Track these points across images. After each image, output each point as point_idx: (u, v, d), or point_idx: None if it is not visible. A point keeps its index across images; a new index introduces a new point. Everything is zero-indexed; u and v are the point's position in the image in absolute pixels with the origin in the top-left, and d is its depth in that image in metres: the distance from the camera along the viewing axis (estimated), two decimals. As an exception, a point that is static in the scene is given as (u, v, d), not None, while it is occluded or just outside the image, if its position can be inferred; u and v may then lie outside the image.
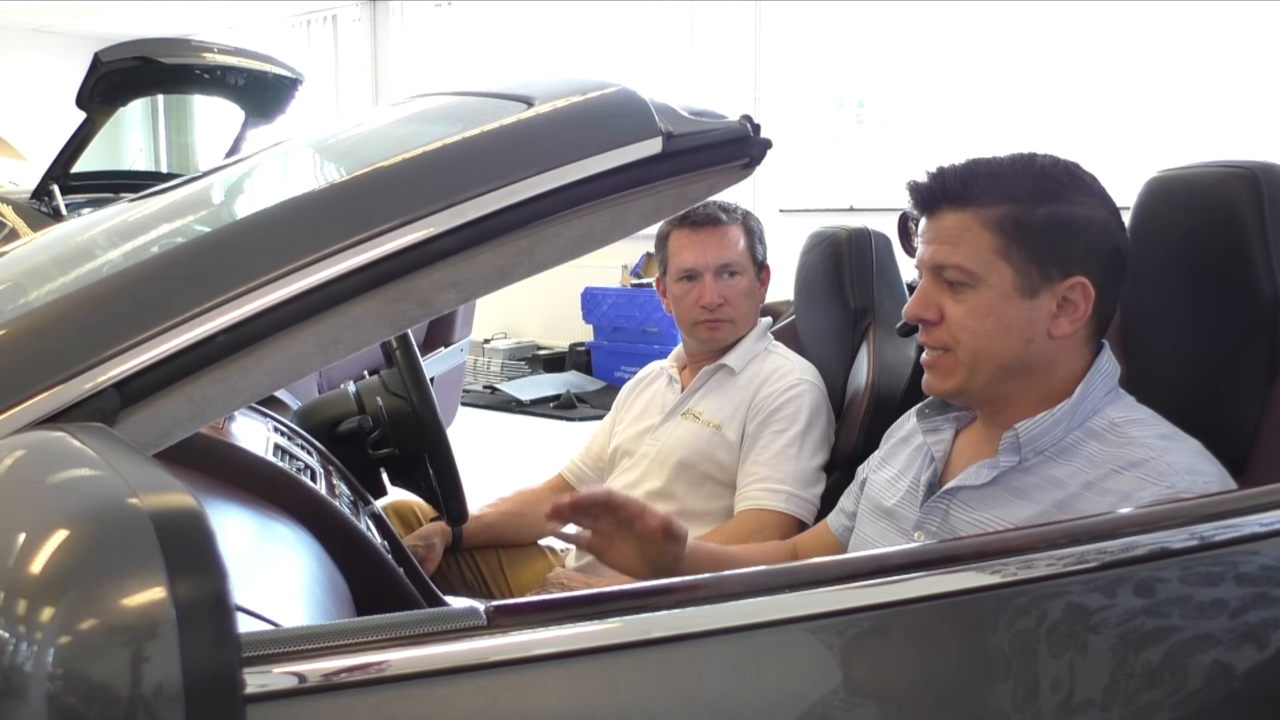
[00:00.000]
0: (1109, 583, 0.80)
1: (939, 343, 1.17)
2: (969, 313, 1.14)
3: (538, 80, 1.04)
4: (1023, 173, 1.15)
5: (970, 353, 1.15)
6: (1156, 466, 1.06)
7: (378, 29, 8.83)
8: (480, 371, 6.99)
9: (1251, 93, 5.05)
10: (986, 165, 1.17)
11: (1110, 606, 0.80)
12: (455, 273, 0.86)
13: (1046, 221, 1.12)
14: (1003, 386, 1.16)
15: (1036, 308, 1.13)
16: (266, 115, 4.21)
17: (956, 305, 1.15)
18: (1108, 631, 0.79)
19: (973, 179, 1.15)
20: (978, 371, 1.16)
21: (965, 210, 1.15)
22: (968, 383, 1.17)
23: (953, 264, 1.14)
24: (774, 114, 6.23)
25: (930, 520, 1.20)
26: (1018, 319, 1.14)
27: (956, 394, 1.19)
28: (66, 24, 9.32)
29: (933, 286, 1.17)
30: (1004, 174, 1.15)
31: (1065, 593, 0.80)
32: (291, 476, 1.38)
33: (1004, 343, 1.14)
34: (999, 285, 1.13)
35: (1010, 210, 1.13)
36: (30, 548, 0.56)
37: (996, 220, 1.13)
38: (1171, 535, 0.83)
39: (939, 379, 1.19)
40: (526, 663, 0.70)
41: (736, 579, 0.79)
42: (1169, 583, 0.82)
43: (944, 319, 1.16)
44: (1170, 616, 0.81)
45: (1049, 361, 1.15)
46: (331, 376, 3.12)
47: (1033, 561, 0.80)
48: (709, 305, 1.86)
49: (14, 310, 0.86)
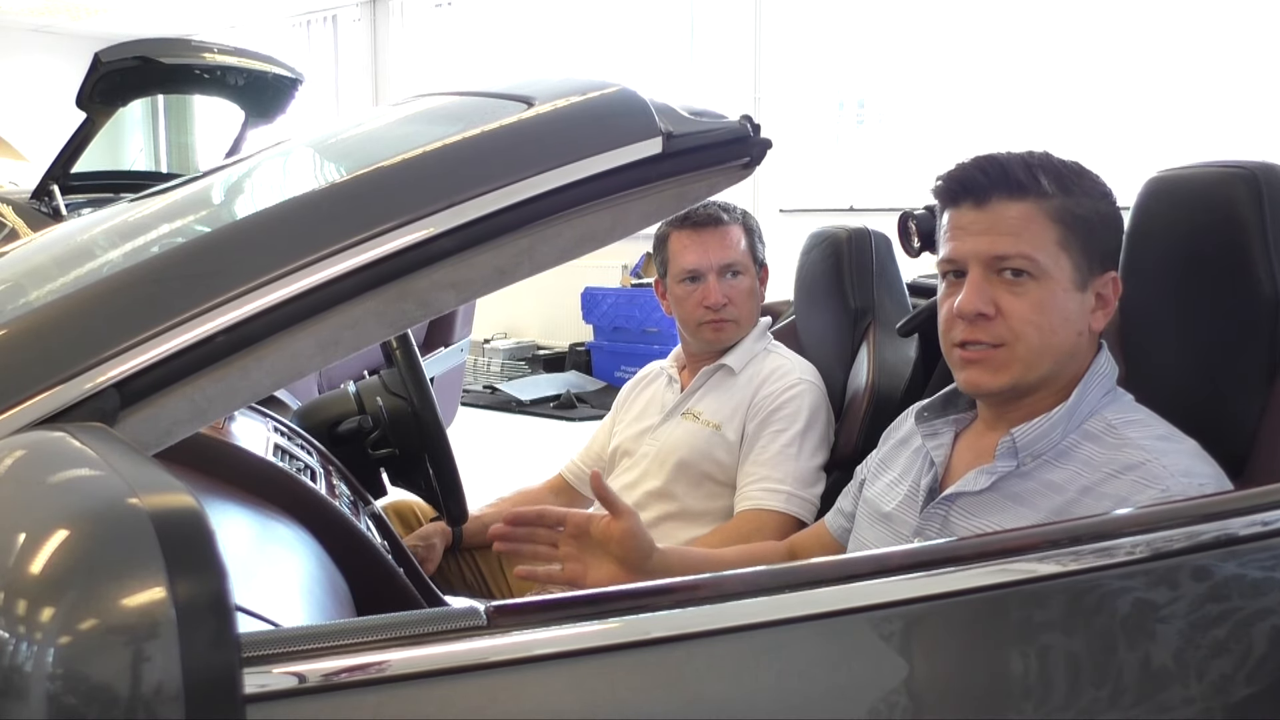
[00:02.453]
0: (1109, 582, 0.81)
1: (995, 338, 1.12)
2: (1032, 306, 1.11)
3: (538, 80, 1.04)
4: (1065, 167, 1.15)
5: (1031, 348, 1.12)
6: (1152, 470, 1.05)
7: (378, 29, 8.83)
8: (480, 371, 6.99)
9: (1251, 93, 5.05)
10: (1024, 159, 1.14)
11: (1112, 608, 0.80)
12: (455, 273, 0.86)
13: (1090, 215, 1.13)
14: (1046, 379, 1.14)
15: (1085, 301, 1.14)
16: (266, 115, 4.21)
17: (1015, 299, 1.11)
18: (1110, 632, 0.79)
19: (1037, 169, 1.13)
20: (1034, 367, 1.13)
21: (1025, 200, 1.12)
22: (1022, 378, 1.13)
23: (1018, 254, 1.11)
24: (774, 114, 6.23)
25: (929, 527, 1.19)
26: (1074, 312, 1.13)
27: (1006, 390, 1.15)
28: (66, 24, 9.32)
29: (986, 279, 1.13)
30: (1055, 167, 1.14)
31: (1066, 592, 0.80)
32: (291, 476, 1.38)
33: (1063, 336, 1.13)
34: (1061, 278, 1.12)
35: (1064, 202, 1.12)
36: (30, 548, 0.56)
37: (1056, 211, 1.12)
38: (1171, 535, 0.83)
39: (989, 375, 1.14)
40: (526, 663, 0.70)
41: (737, 579, 0.79)
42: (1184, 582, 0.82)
43: (1001, 313, 1.12)
44: (1174, 620, 0.81)
45: (1083, 355, 1.16)
46: (331, 376, 3.13)
47: (1033, 561, 0.80)
48: (713, 305, 1.86)
49: (14, 310, 0.86)
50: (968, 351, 1.15)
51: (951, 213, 1.17)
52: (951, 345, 1.17)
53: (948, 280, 1.18)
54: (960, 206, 1.15)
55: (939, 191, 1.18)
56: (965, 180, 1.14)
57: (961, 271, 1.15)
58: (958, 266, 1.16)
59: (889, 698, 0.76)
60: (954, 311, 1.14)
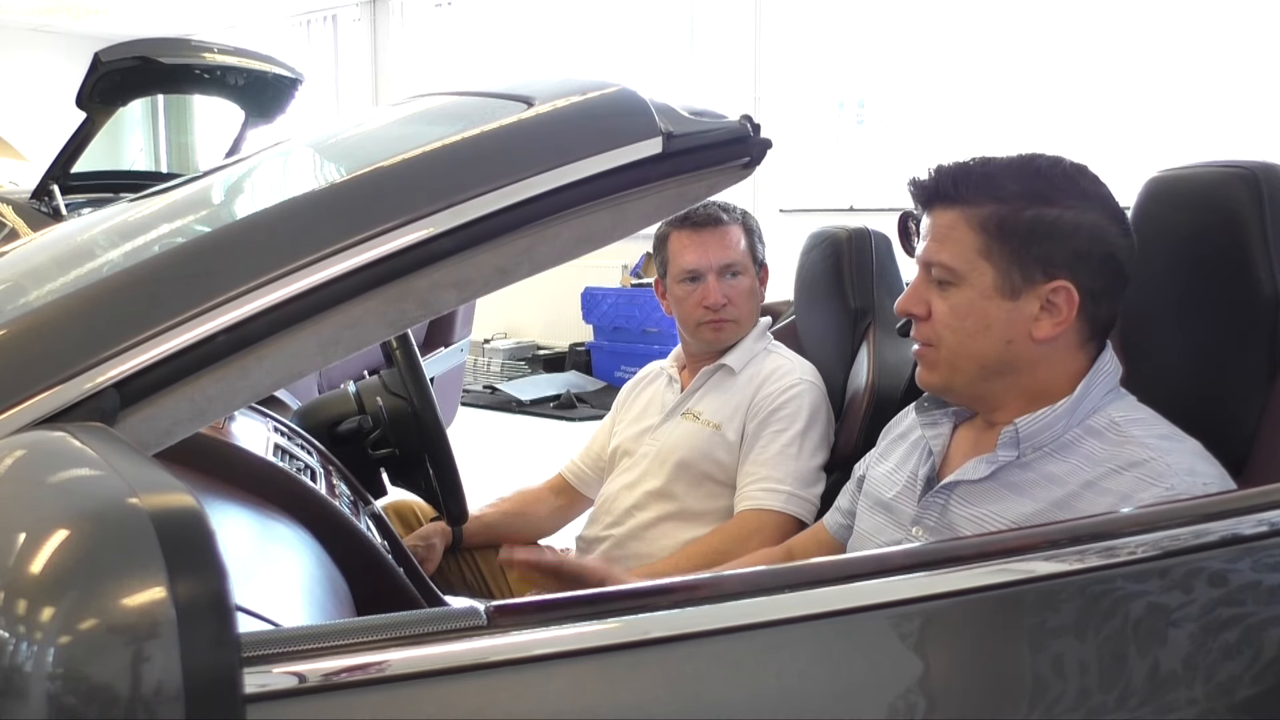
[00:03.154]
0: (1112, 582, 0.80)
1: (924, 338, 1.20)
2: (951, 311, 1.17)
3: (538, 80, 1.04)
4: (1016, 174, 1.15)
5: (951, 350, 1.17)
6: (1155, 467, 1.06)
7: (378, 29, 8.83)
8: (480, 371, 6.99)
9: (1251, 93, 5.06)
10: (982, 165, 1.17)
11: (1114, 609, 0.80)
12: (455, 273, 0.86)
13: (1030, 224, 1.13)
14: (986, 386, 1.18)
15: (1018, 309, 1.14)
16: (266, 115, 4.21)
17: (941, 302, 1.17)
18: (1112, 633, 0.79)
19: (964, 178, 1.17)
20: (958, 370, 1.18)
21: (954, 208, 1.16)
22: (950, 379, 1.19)
23: (938, 261, 1.17)
24: (774, 114, 6.23)
25: (928, 515, 1.20)
26: (998, 319, 1.15)
27: (942, 389, 1.22)
28: (66, 24, 9.32)
29: (923, 283, 1.19)
30: (996, 174, 1.16)
31: (1068, 591, 0.80)
32: (291, 476, 1.38)
33: (983, 342, 1.16)
34: (979, 285, 1.15)
35: (995, 210, 1.14)
36: (30, 548, 0.56)
37: (981, 220, 1.14)
38: (1175, 535, 0.83)
39: (924, 371, 1.22)
40: (526, 663, 0.70)
41: (737, 579, 0.79)
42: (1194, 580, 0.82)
43: (931, 315, 1.18)
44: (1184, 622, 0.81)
45: (1033, 363, 1.16)
46: (331, 376, 3.13)
47: (1035, 560, 0.80)
48: (713, 305, 1.86)
49: (14, 310, 0.86)
50: (915, 348, 1.23)
51: None
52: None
53: None
54: (921, 212, 1.22)
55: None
56: (917, 187, 1.21)
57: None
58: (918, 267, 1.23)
59: (889, 698, 0.76)
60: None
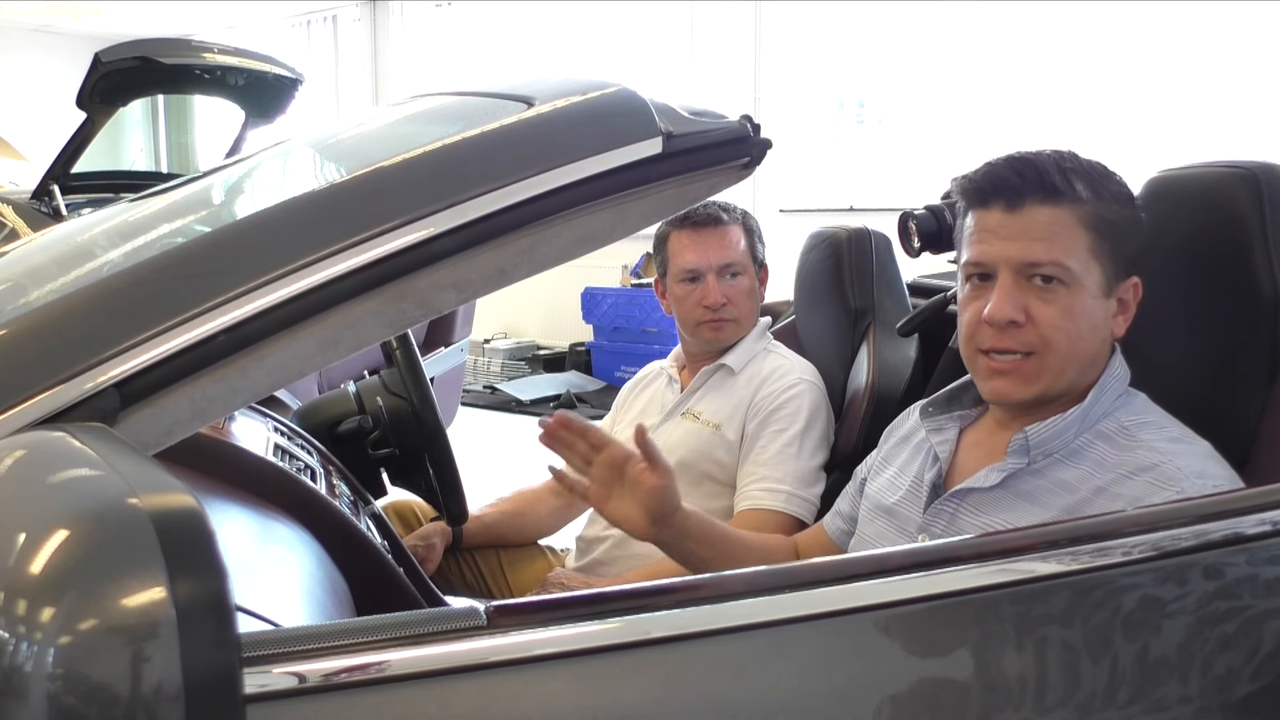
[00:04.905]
0: (1111, 582, 0.80)
1: (1025, 345, 1.10)
2: (1062, 313, 1.09)
3: (538, 80, 1.04)
4: (1098, 172, 1.13)
5: (1062, 356, 1.10)
6: (1166, 471, 1.04)
7: (378, 29, 8.83)
8: (480, 371, 6.99)
9: (1251, 93, 5.05)
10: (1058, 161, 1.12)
11: (1114, 609, 0.80)
12: (455, 273, 0.86)
13: (1121, 221, 1.12)
14: (1069, 386, 1.13)
15: (1109, 307, 1.13)
16: (266, 115, 4.22)
17: (1046, 306, 1.09)
18: (1113, 633, 0.79)
19: (1071, 173, 1.10)
20: (1062, 375, 1.11)
21: (1059, 205, 1.09)
22: (1050, 387, 1.11)
23: (1051, 261, 1.08)
24: (774, 114, 6.23)
25: (936, 523, 1.18)
26: (1102, 319, 1.12)
27: (1032, 401, 1.12)
28: (66, 24, 9.32)
29: (1016, 285, 1.10)
30: (1086, 170, 1.12)
31: (1067, 592, 0.80)
32: (291, 476, 1.38)
33: (1090, 343, 1.11)
34: (1090, 285, 1.10)
35: (1096, 208, 1.10)
36: (30, 548, 0.56)
37: (1085, 217, 1.10)
38: (1175, 534, 0.83)
39: (1017, 386, 1.11)
40: (526, 663, 0.70)
41: (736, 579, 0.79)
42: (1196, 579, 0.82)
43: (1031, 320, 1.09)
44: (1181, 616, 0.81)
45: (1101, 360, 1.14)
46: (331, 376, 3.13)
47: (1034, 561, 0.80)
48: (713, 305, 1.86)
49: (14, 310, 0.86)
50: (995, 361, 1.12)
51: (979, 214, 1.14)
52: (976, 351, 1.14)
53: (972, 283, 1.15)
54: (990, 208, 1.12)
55: (966, 191, 1.15)
56: (997, 181, 1.11)
57: (988, 275, 1.13)
58: (985, 270, 1.13)
59: (889, 698, 0.76)
60: (983, 317, 1.11)
